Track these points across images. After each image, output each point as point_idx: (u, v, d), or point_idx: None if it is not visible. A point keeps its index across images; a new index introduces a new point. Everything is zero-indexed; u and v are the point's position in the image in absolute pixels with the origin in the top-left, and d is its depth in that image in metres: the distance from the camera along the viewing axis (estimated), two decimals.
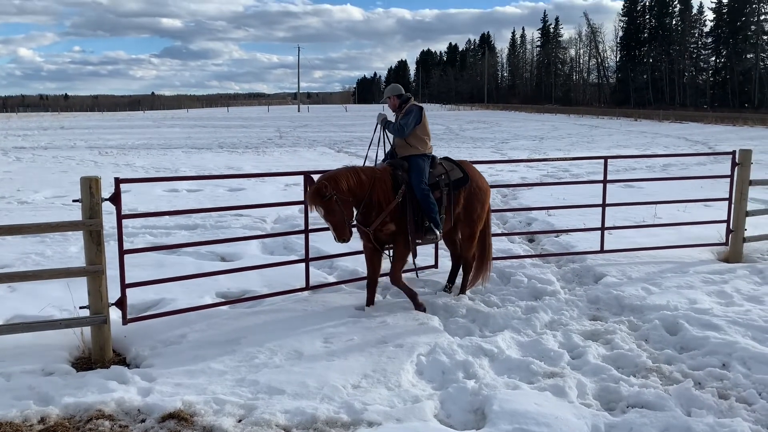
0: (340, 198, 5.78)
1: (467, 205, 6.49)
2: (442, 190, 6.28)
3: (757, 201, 11.91)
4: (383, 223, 6.08)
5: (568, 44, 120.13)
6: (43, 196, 13.97)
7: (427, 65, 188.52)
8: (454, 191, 6.38)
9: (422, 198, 6.10)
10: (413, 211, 6.13)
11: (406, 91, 6.68)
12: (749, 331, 5.49)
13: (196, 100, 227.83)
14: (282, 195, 13.72)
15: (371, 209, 6.06)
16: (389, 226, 6.13)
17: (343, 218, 5.85)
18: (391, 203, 6.04)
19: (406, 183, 6.13)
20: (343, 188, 5.83)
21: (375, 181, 6.02)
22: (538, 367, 4.94)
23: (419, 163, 6.22)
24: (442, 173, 6.36)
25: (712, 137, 33.20)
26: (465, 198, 6.46)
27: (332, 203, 5.75)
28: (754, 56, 77.11)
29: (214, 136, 38.89)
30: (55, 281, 6.09)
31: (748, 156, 8.00)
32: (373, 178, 6.03)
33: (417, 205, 6.13)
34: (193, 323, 5.84)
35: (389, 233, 6.17)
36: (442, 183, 6.31)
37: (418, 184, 6.11)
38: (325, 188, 5.74)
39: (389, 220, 6.09)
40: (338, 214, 5.81)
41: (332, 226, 5.89)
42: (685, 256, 8.09)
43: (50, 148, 28.64)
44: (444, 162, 6.55)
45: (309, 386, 4.61)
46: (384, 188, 6.06)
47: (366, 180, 5.98)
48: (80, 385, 4.58)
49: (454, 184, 6.37)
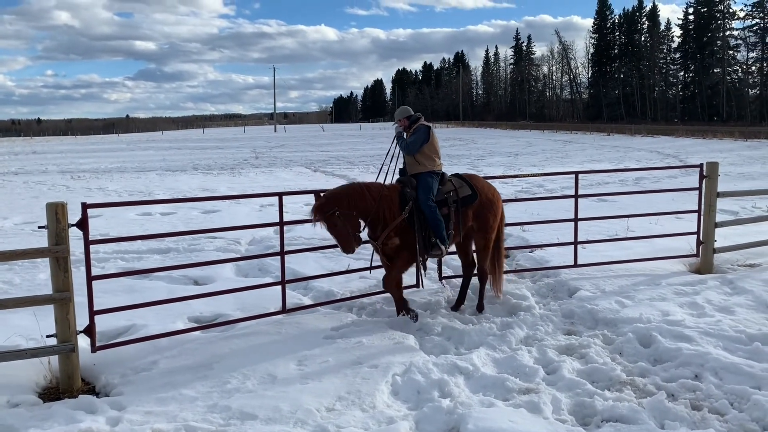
0: (342, 213, 6.00)
1: (478, 218, 6.67)
2: (450, 207, 6.45)
3: (727, 212, 12.11)
4: (388, 237, 6.25)
5: (540, 61, 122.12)
6: (12, 222, 13.71)
7: (402, 84, 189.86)
8: (463, 207, 6.53)
9: (429, 214, 6.27)
10: (420, 227, 6.28)
11: (383, 109, 6.81)
12: (720, 342, 5.54)
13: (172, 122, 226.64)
14: (257, 216, 13.64)
15: (377, 224, 6.25)
16: (394, 241, 6.30)
17: (346, 232, 6.06)
18: (397, 219, 6.20)
19: (414, 199, 6.29)
20: (345, 204, 6.05)
21: (381, 198, 6.21)
22: (514, 384, 4.93)
23: (427, 180, 6.40)
24: (450, 190, 6.54)
25: (683, 150, 33.84)
26: (475, 212, 6.63)
27: (334, 218, 6.01)
28: (721, 71, 78.98)
29: (189, 158, 38.64)
30: (21, 310, 5.94)
31: (714, 168, 8.14)
32: (380, 194, 6.23)
33: (424, 221, 6.29)
34: (164, 349, 5.74)
35: (394, 247, 6.34)
36: (451, 200, 6.48)
37: (425, 200, 6.28)
38: (327, 204, 6.01)
39: (394, 234, 6.26)
40: (340, 229, 6.05)
41: (336, 240, 6.17)
42: (657, 269, 8.17)
43: (21, 174, 28.20)
44: (453, 179, 6.72)
45: (282, 410, 4.54)
46: (390, 204, 6.25)
47: (371, 196, 6.18)
48: (46, 417, 4.46)
49: (462, 200, 6.54)
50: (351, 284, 7.78)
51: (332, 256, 9.11)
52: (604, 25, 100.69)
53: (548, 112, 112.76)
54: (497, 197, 6.93)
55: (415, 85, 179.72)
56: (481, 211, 6.67)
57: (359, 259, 9.16)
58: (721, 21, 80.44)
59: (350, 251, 6.17)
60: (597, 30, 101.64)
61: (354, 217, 6.14)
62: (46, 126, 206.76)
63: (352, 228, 6.10)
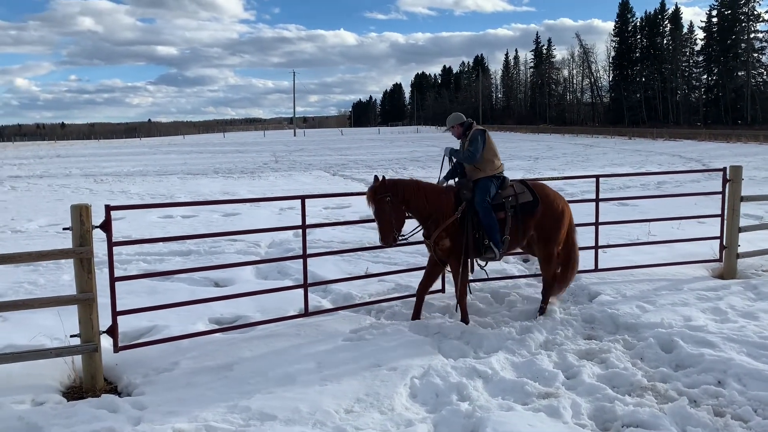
0: (393, 201, 6.03)
1: (539, 227, 6.54)
2: (507, 212, 6.37)
3: (751, 217, 11.94)
4: (440, 237, 6.24)
5: (561, 65, 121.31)
6: (37, 224, 13.95)
7: (421, 88, 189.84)
8: (522, 214, 6.43)
9: (482, 214, 6.22)
10: (472, 228, 6.25)
11: (402, 113, 6.81)
12: (744, 348, 5.46)
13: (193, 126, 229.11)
14: (277, 219, 13.74)
15: (431, 223, 6.25)
16: (445, 242, 6.28)
17: (390, 221, 6.07)
18: (449, 218, 6.18)
19: (468, 201, 6.26)
20: (398, 192, 6.09)
21: (436, 195, 6.23)
22: (533, 388, 4.91)
23: (486, 183, 6.37)
24: (510, 195, 6.46)
25: (706, 154, 33.41)
26: (538, 221, 6.50)
27: (384, 203, 6.04)
28: (745, 73, 77.90)
29: (210, 161, 38.99)
30: (46, 310, 6.05)
31: (738, 172, 8.04)
32: (435, 192, 6.25)
33: (478, 223, 6.26)
34: (185, 350, 5.80)
35: (445, 249, 6.32)
36: (508, 205, 6.39)
37: (480, 201, 6.25)
38: (381, 188, 6.05)
39: (445, 235, 6.24)
40: (386, 216, 6.06)
41: (378, 226, 6.16)
42: (679, 273, 8.08)
43: (45, 177, 28.67)
44: (516, 184, 6.63)
45: (301, 411, 4.56)
46: (444, 203, 6.24)
47: (424, 195, 6.20)
48: (70, 415, 4.53)
49: (521, 207, 6.43)
50: (370, 287, 7.79)
51: (350, 259, 9.14)
52: (626, 28, 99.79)
53: (569, 116, 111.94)
54: (563, 207, 6.69)
55: (434, 89, 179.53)
56: (543, 221, 6.50)
57: (378, 262, 9.19)
58: (745, 23, 79.35)
59: (386, 242, 6.15)
60: (618, 33, 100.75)
61: (401, 211, 6.15)
62: (70, 130, 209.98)
63: (396, 220, 6.10)
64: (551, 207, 6.58)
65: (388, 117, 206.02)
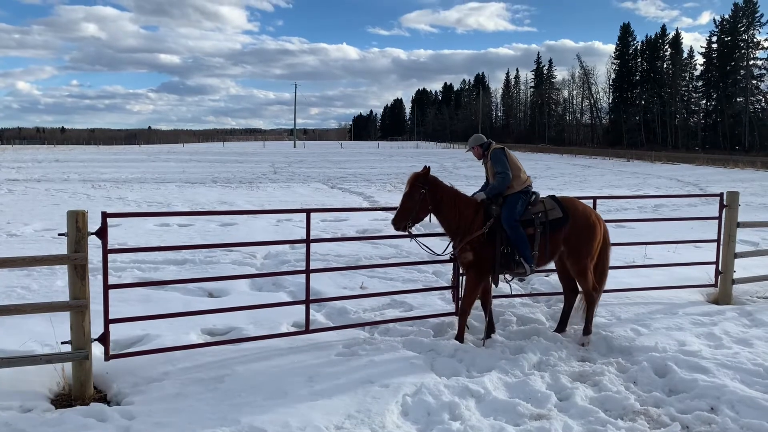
0: (426, 196, 6.14)
1: (570, 243, 6.49)
2: (536, 228, 6.34)
3: (746, 243, 11.96)
4: (462, 249, 6.23)
5: (561, 85, 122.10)
6: (32, 228, 13.90)
7: (422, 104, 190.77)
8: (552, 230, 6.40)
9: (510, 229, 6.21)
10: (500, 244, 6.24)
11: (402, 128, 6.84)
12: (738, 374, 5.45)
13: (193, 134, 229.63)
14: (273, 231, 13.72)
15: (457, 235, 6.27)
16: (467, 255, 6.26)
17: (411, 210, 6.15)
18: (476, 232, 6.18)
19: (497, 217, 6.26)
20: (435, 194, 6.19)
21: (468, 208, 6.25)
22: (525, 409, 4.88)
23: (514, 199, 6.36)
24: (540, 211, 6.43)
25: (703, 179, 33.54)
26: (566, 236, 6.46)
27: (417, 192, 6.15)
28: (743, 100, 78.39)
29: (209, 170, 39.00)
30: (38, 315, 6.03)
31: (735, 198, 8.06)
32: (469, 205, 6.28)
33: (507, 239, 6.26)
34: (176, 360, 5.76)
35: (466, 262, 6.31)
36: (538, 221, 6.36)
37: (507, 218, 6.23)
38: (424, 179, 6.20)
39: (469, 248, 6.22)
40: (412, 204, 6.15)
41: (399, 208, 6.22)
42: (674, 297, 8.08)
43: (43, 181, 28.63)
44: (546, 200, 6.60)
45: (291, 426, 4.52)
46: (474, 217, 6.25)
47: (459, 204, 6.24)
48: (57, 423, 4.49)
49: (551, 223, 6.40)
50: (364, 302, 7.76)
51: (346, 274, 9.11)
52: (626, 51, 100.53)
53: (568, 136, 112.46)
54: (595, 222, 6.63)
55: (434, 105, 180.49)
56: (572, 236, 6.45)
57: (373, 277, 9.16)
58: (744, 50, 79.99)
59: (397, 225, 6.19)
60: (619, 56, 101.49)
61: (426, 209, 6.21)
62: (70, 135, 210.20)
63: (417, 212, 6.17)
64: (582, 221, 6.54)
65: (388, 131, 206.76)
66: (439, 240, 8.68)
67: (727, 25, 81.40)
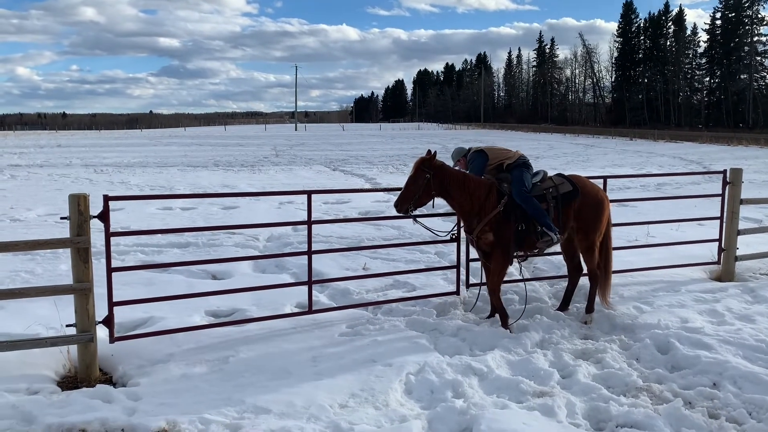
0: (431, 182, 6.06)
1: (580, 217, 6.50)
2: (549, 203, 6.35)
3: (749, 220, 11.94)
4: (482, 231, 6.18)
5: (563, 64, 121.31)
6: (36, 213, 13.93)
7: (423, 85, 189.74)
8: (563, 205, 6.41)
9: (523, 202, 6.16)
10: (516, 221, 6.20)
11: (404, 110, 6.79)
12: (740, 351, 5.46)
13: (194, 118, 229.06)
14: (276, 213, 13.73)
15: (473, 217, 6.20)
16: (488, 236, 6.21)
17: (414, 194, 6.08)
18: (492, 212, 6.14)
19: (509, 194, 6.23)
20: (441, 179, 6.09)
21: (480, 189, 6.17)
22: (528, 387, 4.90)
23: (520, 173, 6.31)
24: (550, 186, 6.43)
25: (707, 157, 33.40)
26: (576, 210, 6.47)
27: (421, 177, 6.07)
28: (747, 77, 77.84)
29: (211, 154, 38.96)
30: (42, 299, 6.05)
31: (738, 175, 8.03)
32: (480, 186, 6.18)
33: (523, 215, 6.20)
34: (181, 342, 5.79)
35: (488, 243, 6.25)
36: (550, 196, 6.37)
37: (518, 192, 6.19)
38: (428, 165, 6.08)
39: (489, 229, 6.18)
40: (415, 188, 6.08)
41: (402, 191, 6.16)
42: (677, 275, 8.08)
43: (46, 166, 28.64)
44: (554, 177, 6.62)
45: (296, 405, 4.56)
46: (487, 198, 6.18)
47: (470, 187, 6.14)
48: (64, 405, 4.53)
49: (563, 197, 6.41)
50: (367, 283, 7.78)
51: (349, 255, 9.12)
52: (629, 29, 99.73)
53: (570, 116, 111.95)
54: (602, 198, 6.67)
55: (436, 86, 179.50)
56: (583, 210, 6.47)
57: (376, 258, 9.18)
58: (749, 26, 79.27)
59: (399, 208, 6.12)
60: (622, 34, 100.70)
61: (429, 194, 6.13)
62: (71, 120, 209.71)
63: (420, 197, 6.10)
64: (590, 196, 6.55)
65: (389, 113, 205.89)
66: (441, 221, 8.69)
67: (731, 1, 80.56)
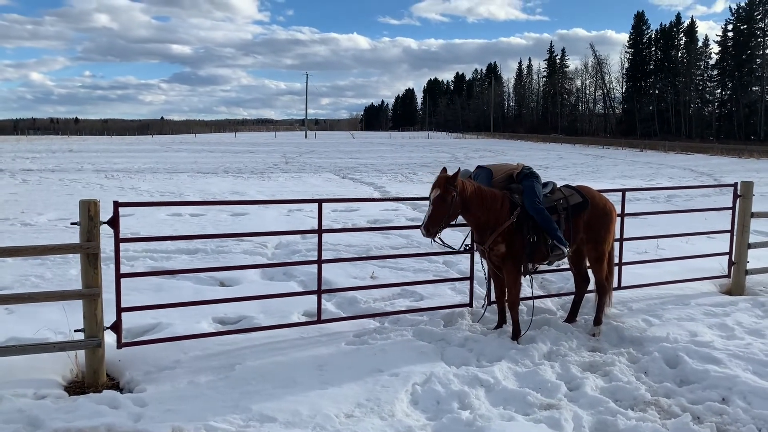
0: (457, 198, 5.84)
1: (589, 229, 6.50)
2: (560, 215, 6.34)
3: (760, 233, 11.84)
4: (495, 243, 6.13)
5: (574, 75, 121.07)
6: (46, 218, 14.03)
7: (434, 94, 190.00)
8: (574, 216, 6.41)
9: (536, 214, 6.13)
10: (528, 232, 6.16)
11: (414, 118, 6.79)
12: (750, 365, 5.41)
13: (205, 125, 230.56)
14: (285, 221, 13.76)
15: (486, 229, 6.13)
16: (500, 247, 6.15)
17: (445, 214, 5.82)
18: (505, 223, 6.09)
19: (521, 205, 6.20)
20: (464, 195, 5.90)
21: (494, 201, 6.11)
22: (535, 399, 4.88)
23: (531, 184, 6.29)
24: (560, 198, 6.42)
25: (718, 169, 33.20)
26: (586, 222, 6.48)
27: (450, 195, 5.79)
28: (759, 89, 77.42)
29: (221, 161, 39.12)
30: (52, 304, 6.08)
31: (749, 188, 7.98)
32: (493, 198, 6.12)
33: (535, 226, 6.18)
34: (188, 348, 5.80)
35: (500, 255, 6.21)
36: (560, 207, 6.36)
37: (531, 204, 6.16)
38: (454, 181, 5.82)
39: (501, 240, 6.13)
40: (445, 208, 5.80)
41: (431, 213, 5.82)
42: (686, 288, 8.02)
43: (57, 171, 28.84)
44: (563, 188, 6.63)
45: (301, 414, 4.56)
46: (500, 209, 6.12)
47: (484, 199, 6.04)
48: (71, 410, 4.54)
49: (573, 208, 6.41)
50: (374, 292, 7.77)
51: (357, 263, 9.12)
52: (641, 40, 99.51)
53: (580, 126, 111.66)
54: (611, 209, 6.68)
55: (446, 95, 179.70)
56: (592, 221, 6.48)
57: (384, 267, 9.17)
58: (761, 38, 78.92)
59: (429, 232, 5.83)
60: (633, 45, 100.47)
61: (457, 213, 5.95)
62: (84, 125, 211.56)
63: (449, 217, 5.87)
64: (599, 207, 6.56)
65: (399, 122, 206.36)
66: (450, 231, 8.66)
67: (743, 13, 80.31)
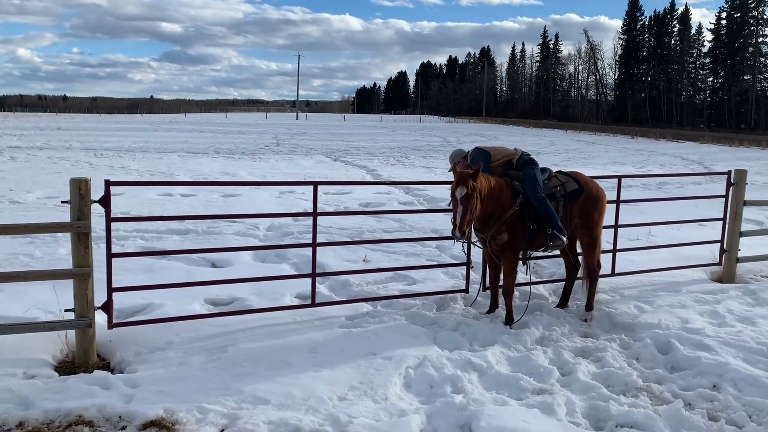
0: (481, 197, 5.78)
1: (584, 214, 6.54)
2: (558, 201, 6.35)
3: (751, 222, 11.90)
4: (498, 231, 6.10)
5: (567, 60, 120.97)
6: (35, 196, 13.87)
7: (426, 77, 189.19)
8: (570, 202, 6.43)
9: (539, 204, 6.12)
10: (529, 220, 6.14)
11: (406, 101, 6.72)
12: (741, 353, 5.45)
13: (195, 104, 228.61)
14: (276, 202, 13.68)
15: (490, 217, 6.07)
16: (502, 236, 6.12)
17: (472, 212, 5.70)
18: (508, 212, 6.06)
19: (523, 193, 6.17)
20: (483, 190, 5.80)
21: (499, 190, 6.05)
22: (527, 384, 4.89)
23: (532, 172, 6.26)
24: (557, 185, 6.43)
25: (708, 157, 33.33)
26: (581, 207, 6.51)
27: (475, 190, 5.68)
28: (751, 78, 77.67)
29: (211, 141, 38.83)
30: (41, 283, 6.01)
31: (743, 176, 8.00)
32: (499, 186, 6.06)
33: (535, 214, 6.16)
34: (180, 330, 5.76)
35: (501, 243, 6.17)
36: (558, 194, 6.37)
37: (533, 192, 6.13)
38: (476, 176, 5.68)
39: (504, 229, 6.11)
40: (473, 206, 5.68)
41: (461, 214, 5.64)
42: (678, 275, 8.06)
43: (45, 149, 28.54)
44: (559, 175, 6.63)
45: (294, 397, 4.54)
46: (504, 197, 6.08)
47: (492, 188, 5.97)
48: (61, 390, 4.50)
49: (570, 195, 6.43)
50: (367, 276, 7.74)
51: (350, 246, 9.09)
52: (634, 27, 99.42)
53: (572, 112, 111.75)
54: (602, 194, 6.74)
55: (438, 79, 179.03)
56: (586, 207, 6.53)
57: (376, 250, 9.15)
58: (754, 27, 79.04)
59: (462, 231, 5.65)
60: (626, 31, 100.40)
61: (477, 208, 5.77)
62: (72, 103, 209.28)
63: (471, 214, 5.70)
64: (592, 192, 6.61)
65: (391, 105, 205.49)
66: (443, 215, 8.64)
67: (737, 1, 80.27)
